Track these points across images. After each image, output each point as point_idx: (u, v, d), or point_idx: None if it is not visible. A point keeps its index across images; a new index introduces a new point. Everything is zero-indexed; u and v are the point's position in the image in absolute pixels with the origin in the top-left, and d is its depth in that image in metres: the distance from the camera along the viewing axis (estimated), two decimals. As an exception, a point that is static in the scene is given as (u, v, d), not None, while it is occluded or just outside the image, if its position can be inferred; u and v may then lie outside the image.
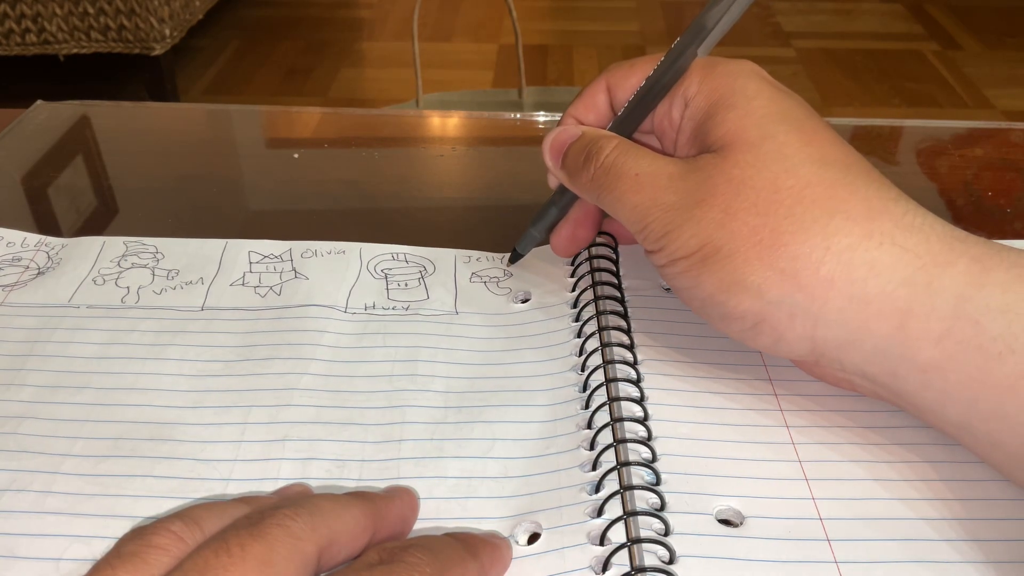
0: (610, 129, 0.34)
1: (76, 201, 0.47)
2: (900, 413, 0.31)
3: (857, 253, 0.27)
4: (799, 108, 0.31)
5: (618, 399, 0.31)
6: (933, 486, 0.29)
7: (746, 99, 0.30)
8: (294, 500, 0.25)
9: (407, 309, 0.37)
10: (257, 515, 0.23)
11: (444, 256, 0.40)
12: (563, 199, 0.36)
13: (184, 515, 0.24)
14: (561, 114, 0.37)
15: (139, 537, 0.23)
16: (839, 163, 0.29)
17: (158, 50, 1.80)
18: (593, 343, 0.34)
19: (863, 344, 0.27)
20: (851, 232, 0.27)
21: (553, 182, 0.36)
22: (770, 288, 0.27)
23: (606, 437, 0.30)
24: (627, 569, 0.26)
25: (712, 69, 0.32)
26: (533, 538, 0.27)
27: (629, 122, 0.34)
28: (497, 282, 0.39)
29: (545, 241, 0.38)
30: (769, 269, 0.27)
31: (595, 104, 0.35)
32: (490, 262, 0.40)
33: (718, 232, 0.28)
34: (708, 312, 0.30)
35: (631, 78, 0.34)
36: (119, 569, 0.22)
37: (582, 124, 0.35)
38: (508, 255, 0.40)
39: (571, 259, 0.39)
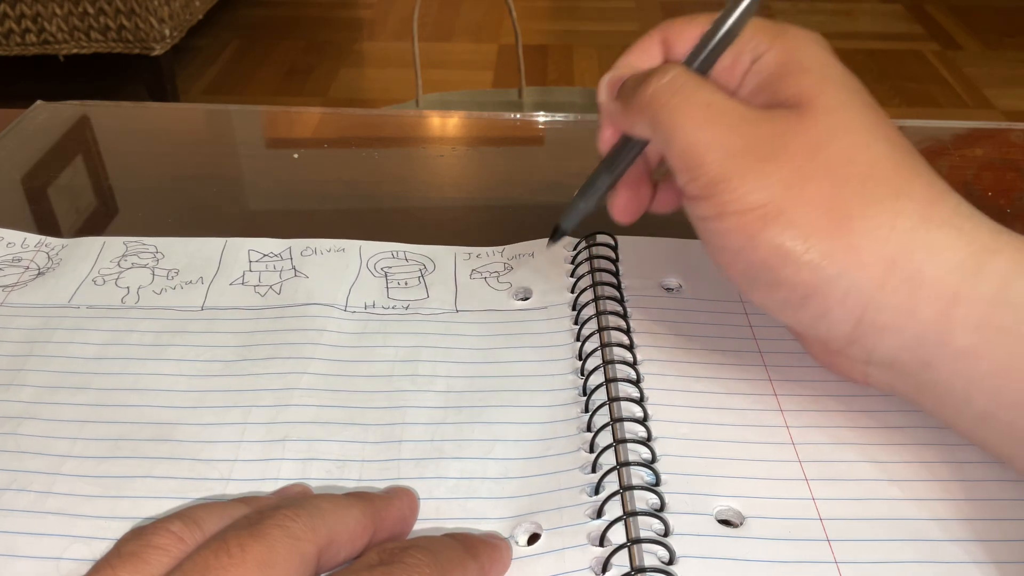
0: None
1: (76, 201, 0.47)
2: (900, 413, 0.31)
3: (919, 234, 0.26)
4: (863, 88, 0.30)
5: (618, 399, 0.31)
6: (933, 486, 0.29)
7: (821, 65, 0.29)
8: (294, 500, 0.25)
9: (407, 308, 0.37)
10: (257, 515, 0.23)
11: (444, 253, 0.40)
12: (617, 161, 0.32)
13: (184, 515, 0.24)
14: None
15: (139, 537, 0.23)
16: (904, 147, 0.28)
17: (158, 50, 1.80)
18: (593, 343, 0.34)
19: (905, 330, 0.27)
20: (913, 214, 0.27)
21: (605, 144, 0.32)
22: (833, 262, 0.26)
23: (606, 438, 0.30)
24: (627, 569, 0.26)
25: (784, 31, 0.30)
26: (533, 539, 0.27)
27: (697, 64, 0.30)
28: (498, 276, 0.39)
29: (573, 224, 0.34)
30: (835, 241, 0.26)
31: (651, 56, 0.32)
32: (490, 257, 0.40)
33: (785, 193, 0.27)
34: (754, 275, 0.28)
35: (690, 30, 0.31)
36: (119, 569, 0.22)
37: None
38: (507, 247, 0.39)
39: (571, 258, 0.39)
